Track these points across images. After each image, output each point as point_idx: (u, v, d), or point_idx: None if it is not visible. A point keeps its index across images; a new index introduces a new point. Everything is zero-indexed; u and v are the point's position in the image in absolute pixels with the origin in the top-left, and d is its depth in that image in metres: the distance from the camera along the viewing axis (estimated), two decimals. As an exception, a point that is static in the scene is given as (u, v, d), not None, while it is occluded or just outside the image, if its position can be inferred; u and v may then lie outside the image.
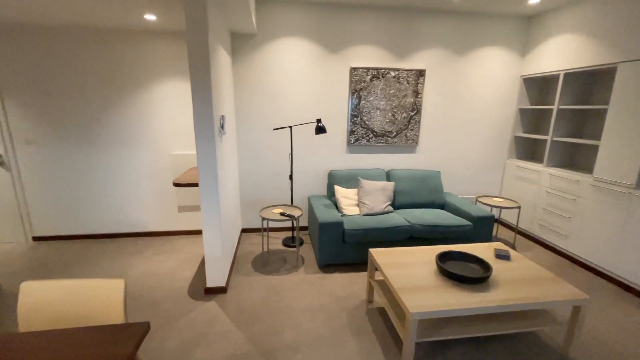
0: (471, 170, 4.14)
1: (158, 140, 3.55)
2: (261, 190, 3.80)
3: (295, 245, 3.53)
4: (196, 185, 2.60)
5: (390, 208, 3.34)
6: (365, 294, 2.64)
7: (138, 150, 3.54)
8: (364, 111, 3.70)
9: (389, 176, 3.69)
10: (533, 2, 3.26)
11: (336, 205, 3.49)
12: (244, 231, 3.92)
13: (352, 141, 3.77)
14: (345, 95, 3.67)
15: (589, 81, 3.41)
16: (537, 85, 3.93)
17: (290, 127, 3.32)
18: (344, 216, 3.23)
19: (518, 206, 3.41)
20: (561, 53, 3.38)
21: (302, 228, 3.99)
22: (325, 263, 3.02)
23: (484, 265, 2.12)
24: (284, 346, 2.06)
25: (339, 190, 3.44)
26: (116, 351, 1.06)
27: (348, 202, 3.35)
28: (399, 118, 3.78)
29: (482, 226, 3.16)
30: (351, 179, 3.56)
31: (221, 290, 2.62)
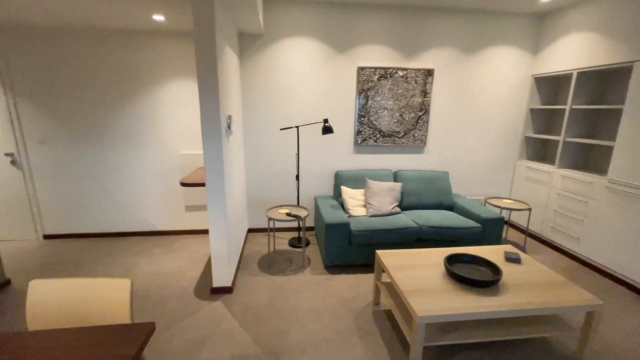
0: (480, 171, 4.08)
1: (166, 140, 3.57)
2: (268, 190, 3.80)
3: (301, 245, 3.52)
4: (203, 185, 2.60)
5: (397, 209, 3.31)
6: (371, 296, 2.61)
7: (146, 150, 3.57)
8: (372, 111, 3.67)
9: (397, 177, 3.65)
10: (545, 0, 3.19)
11: (343, 206, 3.47)
12: (250, 231, 3.92)
13: (359, 141, 3.74)
14: (352, 95, 3.65)
15: (603, 80, 3.32)
16: (549, 84, 3.85)
17: (297, 127, 3.31)
18: (351, 217, 3.20)
19: (528, 208, 3.34)
20: (574, 52, 3.30)
21: (309, 228, 3.98)
22: (331, 264, 3.00)
23: (494, 268, 2.08)
24: (290, 348, 2.04)
25: (346, 190, 3.41)
26: (121, 352, 1.06)
27: (355, 203, 3.33)
28: (407, 118, 3.74)
29: (492, 228, 3.11)
30: (358, 180, 3.54)
31: (227, 290, 2.62)
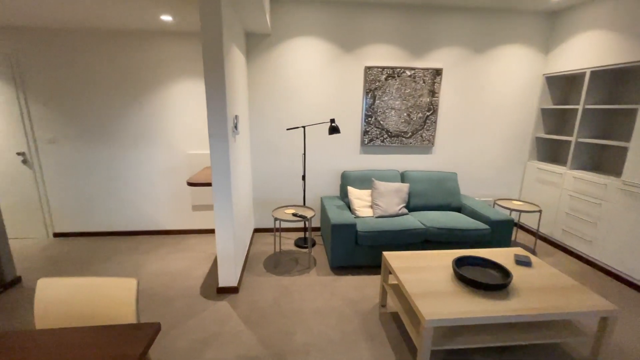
0: (489, 172, 4.01)
1: (174, 139, 3.59)
2: (274, 190, 3.80)
3: (307, 246, 3.50)
4: (209, 185, 2.61)
5: (404, 210, 3.27)
6: (378, 298, 2.58)
7: (154, 149, 3.60)
8: (379, 111, 3.64)
9: (404, 177, 3.61)
10: (557, -3, 3.13)
11: (349, 206, 3.45)
12: (257, 231, 3.92)
13: (366, 141, 3.71)
14: (359, 94, 3.62)
15: (618, 79, 3.24)
16: (561, 84, 3.77)
17: (303, 127, 3.29)
18: (357, 218, 3.18)
19: (539, 210, 3.27)
20: (587, 50, 3.22)
21: (315, 229, 3.97)
22: (337, 265, 2.98)
23: (503, 271, 2.03)
24: (295, 349, 2.03)
25: (352, 191, 3.39)
26: (127, 352, 1.06)
27: (361, 204, 3.30)
28: (415, 118, 3.70)
29: (501, 230, 3.05)
30: (365, 180, 3.51)
31: (233, 290, 2.62)
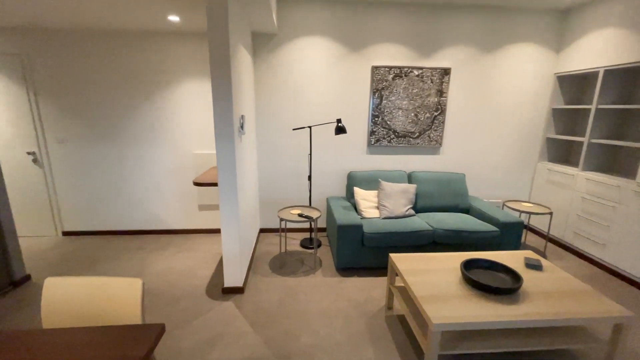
0: (498, 173, 3.94)
1: (181, 139, 3.61)
2: (280, 190, 3.79)
3: (313, 247, 3.48)
4: (216, 184, 2.60)
5: (411, 211, 3.23)
6: (384, 300, 2.55)
7: (162, 149, 3.62)
8: (386, 111, 3.61)
9: (411, 178, 3.57)
10: (570, -5, 3.06)
11: (355, 207, 3.42)
12: (262, 231, 3.92)
13: (373, 142, 3.68)
14: (366, 94, 3.59)
15: (632, 79, 3.15)
16: (573, 83, 3.68)
17: (309, 127, 3.28)
18: (364, 219, 3.15)
19: (550, 212, 3.20)
20: (601, 48, 3.14)
21: (320, 230, 3.95)
22: (343, 266, 2.95)
23: (514, 275, 1.99)
24: (300, 351, 2.01)
25: (359, 192, 3.36)
26: (131, 353, 1.05)
27: (368, 205, 3.27)
28: (422, 118, 3.65)
29: (510, 232, 2.99)
30: (371, 181, 3.48)
31: (238, 290, 2.62)
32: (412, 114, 3.63)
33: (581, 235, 3.27)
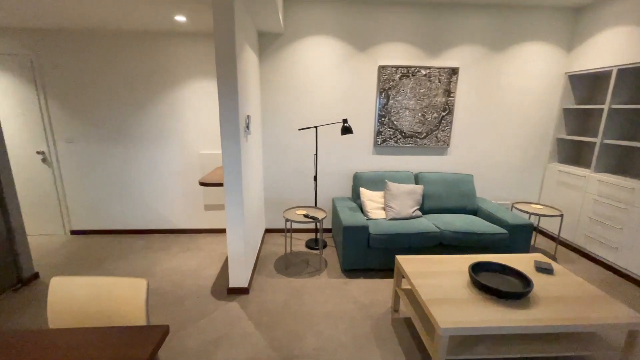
0: (507, 174, 3.88)
1: (187, 139, 3.62)
2: (285, 190, 3.78)
3: (318, 247, 3.46)
4: (221, 184, 2.60)
5: (418, 213, 3.19)
6: (390, 303, 2.52)
7: (168, 149, 3.63)
8: (392, 111, 3.57)
9: (418, 179, 3.53)
10: (582, -8, 2.99)
11: (361, 208, 3.39)
12: (267, 231, 3.91)
13: (379, 142, 3.65)
14: (372, 94, 3.56)
15: (647, 78, 3.07)
16: (585, 83, 3.60)
17: (315, 128, 3.26)
18: (370, 220, 3.12)
19: (560, 214, 3.13)
20: (614, 47, 3.06)
21: (326, 230, 3.92)
22: (349, 268, 2.93)
23: (523, 278, 1.94)
24: (305, 353, 1.99)
25: (365, 192, 3.33)
26: (135, 354, 1.04)
27: (374, 206, 3.24)
28: (430, 118, 3.61)
29: (519, 235, 2.93)
30: (377, 182, 3.44)
31: (243, 290, 2.61)
32: (420, 114, 3.59)
33: (593, 238, 3.20)
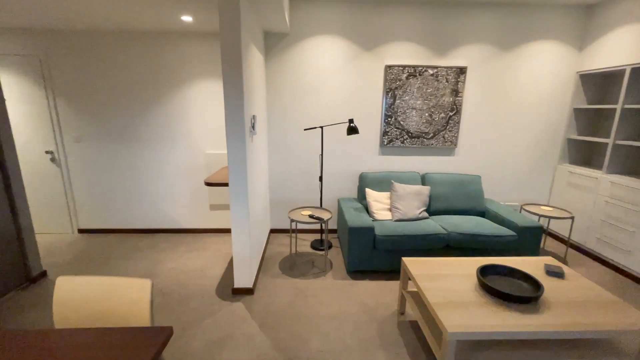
0: (516, 175, 3.81)
1: (193, 139, 3.63)
2: (290, 191, 3.77)
3: (323, 248, 3.44)
4: (227, 184, 2.60)
5: (425, 214, 3.15)
6: (396, 305, 2.49)
7: (174, 149, 3.65)
8: (399, 111, 3.53)
9: (425, 180, 3.48)
10: (595, -10, 2.92)
11: (367, 209, 3.36)
12: (273, 231, 3.90)
13: (386, 142, 3.61)
14: (379, 94, 3.53)
15: (662, 77, 2.99)
16: (597, 82, 3.52)
17: (321, 128, 3.24)
18: (375, 221, 3.09)
19: (571, 216, 3.07)
20: (627, 46, 2.99)
21: (331, 231, 3.90)
22: (354, 269, 2.90)
23: (533, 282, 1.90)
24: (309, 355, 1.98)
25: (371, 193, 3.30)
26: (139, 355, 1.04)
27: (380, 206, 3.21)
28: (437, 118, 3.57)
29: (528, 237, 2.88)
30: (383, 182, 3.41)
31: (248, 291, 2.60)
32: (427, 114, 3.55)
33: (604, 241, 3.12)
